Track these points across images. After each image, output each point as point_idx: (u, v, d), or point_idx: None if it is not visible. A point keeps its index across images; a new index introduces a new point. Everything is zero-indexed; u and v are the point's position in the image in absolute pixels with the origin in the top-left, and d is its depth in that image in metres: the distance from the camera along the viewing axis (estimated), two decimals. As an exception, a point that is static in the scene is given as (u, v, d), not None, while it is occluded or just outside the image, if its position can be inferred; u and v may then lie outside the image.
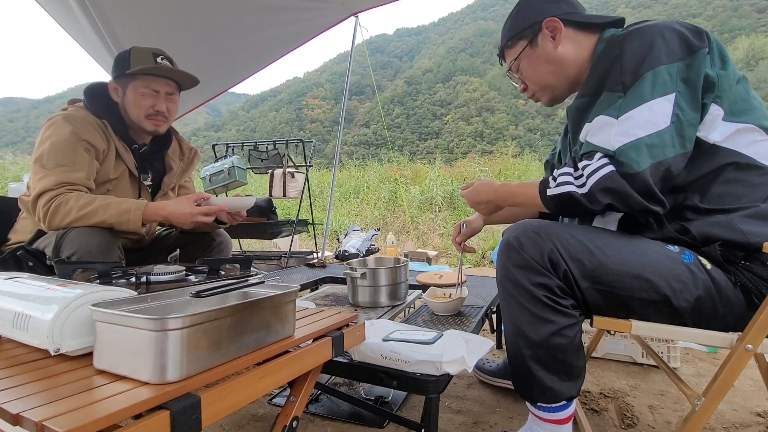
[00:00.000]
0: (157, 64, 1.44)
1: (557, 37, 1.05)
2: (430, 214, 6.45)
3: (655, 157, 0.81)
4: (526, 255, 0.87)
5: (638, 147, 0.81)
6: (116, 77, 1.46)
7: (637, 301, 0.86)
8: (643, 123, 0.82)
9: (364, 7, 2.93)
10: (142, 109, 1.46)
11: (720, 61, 0.87)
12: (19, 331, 0.67)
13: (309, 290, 1.74)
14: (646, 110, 0.83)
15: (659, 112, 0.83)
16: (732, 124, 0.87)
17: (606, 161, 0.83)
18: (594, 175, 0.84)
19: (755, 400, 1.38)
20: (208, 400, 0.55)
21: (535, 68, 1.10)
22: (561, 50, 1.05)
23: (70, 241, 1.23)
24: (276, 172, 3.46)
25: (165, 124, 1.53)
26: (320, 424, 1.23)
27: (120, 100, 1.47)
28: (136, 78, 1.44)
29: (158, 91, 1.47)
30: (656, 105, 0.83)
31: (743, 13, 36.93)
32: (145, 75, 1.44)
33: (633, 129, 0.83)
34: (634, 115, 0.84)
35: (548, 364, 0.89)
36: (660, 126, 0.82)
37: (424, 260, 4.03)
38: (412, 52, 68.92)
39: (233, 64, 2.94)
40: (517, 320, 0.90)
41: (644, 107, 0.83)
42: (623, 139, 0.83)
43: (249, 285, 0.77)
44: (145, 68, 1.42)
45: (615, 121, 0.85)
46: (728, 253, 0.85)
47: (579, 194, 0.86)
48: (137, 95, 1.45)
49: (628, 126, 0.83)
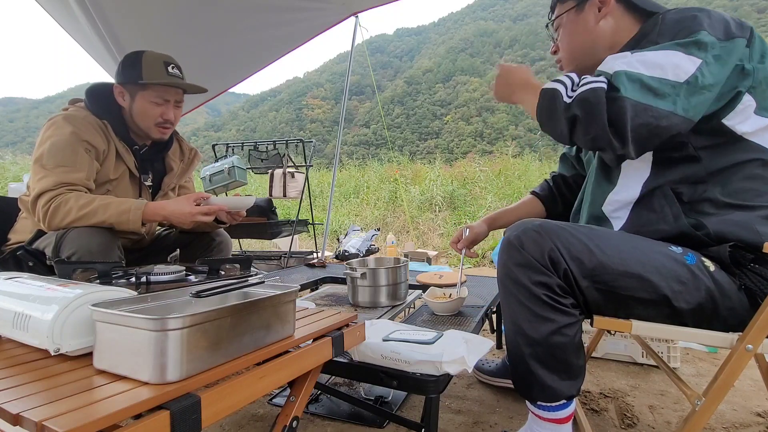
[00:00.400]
0: (169, 73, 1.44)
1: (603, 10, 1.02)
2: (430, 214, 6.45)
3: (645, 99, 0.80)
4: (527, 253, 0.87)
5: (634, 79, 0.80)
6: (124, 82, 1.45)
7: (637, 301, 0.85)
8: (652, 63, 0.81)
9: (364, 7, 2.93)
10: (151, 118, 1.46)
11: (759, 56, 0.86)
12: (19, 331, 0.67)
13: (309, 290, 1.74)
14: (660, 54, 0.82)
15: (675, 62, 0.81)
16: (764, 119, 0.86)
17: (602, 79, 0.83)
18: (585, 86, 0.84)
19: (755, 400, 1.38)
20: (208, 400, 0.55)
21: (571, 35, 1.07)
22: (601, 26, 1.02)
23: (70, 241, 1.23)
24: (276, 172, 3.46)
25: (171, 130, 1.54)
26: (320, 424, 1.23)
27: (127, 106, 1.47)
28: (146, 88, 1.43)
29: (168, 100, 1.47)
30: (675, 56, 0.81)
31: (743, 13, 36.92)
32: (157, 85, 1.44)
33: (638, 63, 0.82)
34: (647, 54, 0.83)
35: (548, 362, 0.89)
36: (668, 75, 0.81)
37: (424, 260, 4.03)
38: (412, 52, 68.92)
39: (233, 64, 2.93)
40: (518, 318, 0.90)
41: (660, 52, 0.82)
42: (624, 66, 0.82)
43: (249, 285, 0.77)
44: (160, 82, 1.42)
45: (628, 54, 0.85)
46: (738, 254, 0.84)
47: (562, 97, 0.86)
48: (147, 104, 1.44)
49: (636, 59, 0.83)
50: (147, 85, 1.43)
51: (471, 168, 8.06)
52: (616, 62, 0.85)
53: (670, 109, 0.81)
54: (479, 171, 7.60)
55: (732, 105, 0.86)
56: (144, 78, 1.41)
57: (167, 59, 1.46)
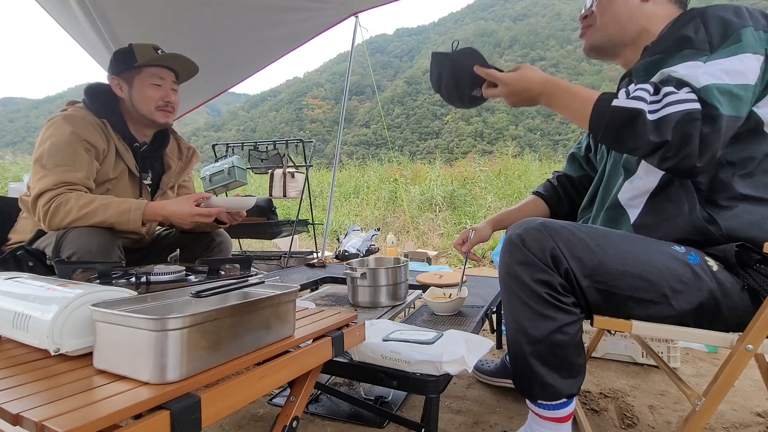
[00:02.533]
0: (159, 55, 1.47)
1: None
2: (430, 214, 6.45)
3: (737, 111, 0.78)
4: (529, 252, 0.87)
5: (725, 91, 0.77)
6: (119, 72, 1.47)
7: (637, 300, 0.85)
8: (733, 71, 0.79)
9: (364, 7, 2.93)
10: (152, 100, 1.48)
11: None
12: (19, 331, 0.67)
13: (309, 290, 1.74)
14: (736, 61, 0.80)
15: (749, 66, 0.80)
16: None
17: (693, 96, 0.77)
18: (675, 105, 0.77)
19: (755, 400, 1.38)
20: (208, 400, 0.55)
21: (614, 5, 1.03)
22: (647, 8, 1.00)
23: (70, 241, 1.23)
24: (276, 172, 3.46)
25: (173, 114, 1.56)
26: (320, 424, 1.23)
27: (126, 96, 1.48)
28: (141, 71, 1.46)
29: (164, 78, 1.50)
30: (746, 59, 0.80)
31: (743, 13, 36.85)
32: (150, 66, 1.47)
33: (721, 73, 0.78)
34: (723, 63, 0.80)
35: (549, 360, 0.89)
36: (749, 79, 0.79)
37: (424, 260, 4.03)
38: (412, 52, 68.87)
39: (233, 64, 2.93)
40: (519, 317, 0.90)
41: (734, 58, 0.80)
42: (711, 78, 0.77)
43: (249, 285, 0.77)
44: (154, 58, 1.46)
45: (702, 64, 0.80)
46: (744, 254, 0.84)
47: (649, 117, 0.78)
48: (146, 87, 1.47)
49: (718, 69, 0.79)
50: (141, 69, 1.46)
51: (471, 168, 8.07)
52: (697, 72, 0.79)
53: (746, 112, 0.81)
54: (479, 171, 7.61)
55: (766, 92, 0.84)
56: (138, 60, 1.44)
57: (155, 46, 1.51)
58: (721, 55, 0.81)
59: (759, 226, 0.84)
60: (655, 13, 1.00)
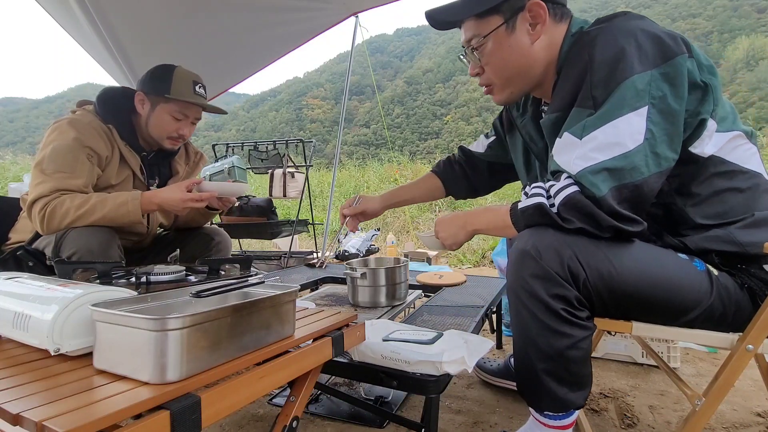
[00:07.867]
0: (196, 92, 1.47)
1: (537, 29, 0.93)
2: (430, 214, 6.45)
3: (619, 180, 0.78)
4: (545, 265, 0.82)
5: (597, 171, 0.78)
6: (148, 92, 1.46)
7: (655, 309, 0.86)
8: (606, 145, 0.79)
9: (364, 7, 2.93)
10: (166, 131, 1.48)
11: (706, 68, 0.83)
12: (19, 331, 0.67)
13: (309, 290, 1.74)
14: (610, 130, 0.78)
15: (627, 131, 0.78)
16: (723, 134, 0.86)
17: (570, 181, 0.81)
18: (560, 194, 0.81)
19: (755, 400, 1.38)
20: (208, 400, 0.55)
21: (506, 58, 0.96)
22: (536, 47, 0.94)
23: (70, 241, 1.23)
24: (276, 172, 3.46)
25: (180, 144, 1.57)
26: (320, 424, 1.23)
27: (144, 114, 1.48)
28: (170, 102, 1.45)
29: (188, 116, 1.50)
30: (622, 123, 0.78)
31: (743, 13, 36.90)
32: (182, 102, 1.46)
33: (593, 152, 0.79)
34: (597, 137, 0.79)
35: (561, 376, 0.86)
36: (628, 147, 0.78)
37: (424, 260, 4.03)
38: (412, 52, 68.85)
39: (233, 64, 2.93)
40: (531, 332, 0.86)
41: (609, 127, 0.79)
42: (582, 162, 0.80)
43: (249, 285, 0.77)
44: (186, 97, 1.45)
45: (579, 142, 0.81)
46: (724, 261, 0.86)
47: (549, 209, 0.83)
48: (166, 116, 1.46)
49: (590, 148, 0.80)
50: (171, 100, 1.44)
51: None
52: (571, 158, 0.81)
53: (649, 173, 0.79)
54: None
55: (698, 133, 0.84)
56: (171, 93, 1.43)
57: (196, 78, 1.49)
58: (600, 120, 0.80)
59: (730, 242, 0.85)
60: (549, 42, 0.95)
